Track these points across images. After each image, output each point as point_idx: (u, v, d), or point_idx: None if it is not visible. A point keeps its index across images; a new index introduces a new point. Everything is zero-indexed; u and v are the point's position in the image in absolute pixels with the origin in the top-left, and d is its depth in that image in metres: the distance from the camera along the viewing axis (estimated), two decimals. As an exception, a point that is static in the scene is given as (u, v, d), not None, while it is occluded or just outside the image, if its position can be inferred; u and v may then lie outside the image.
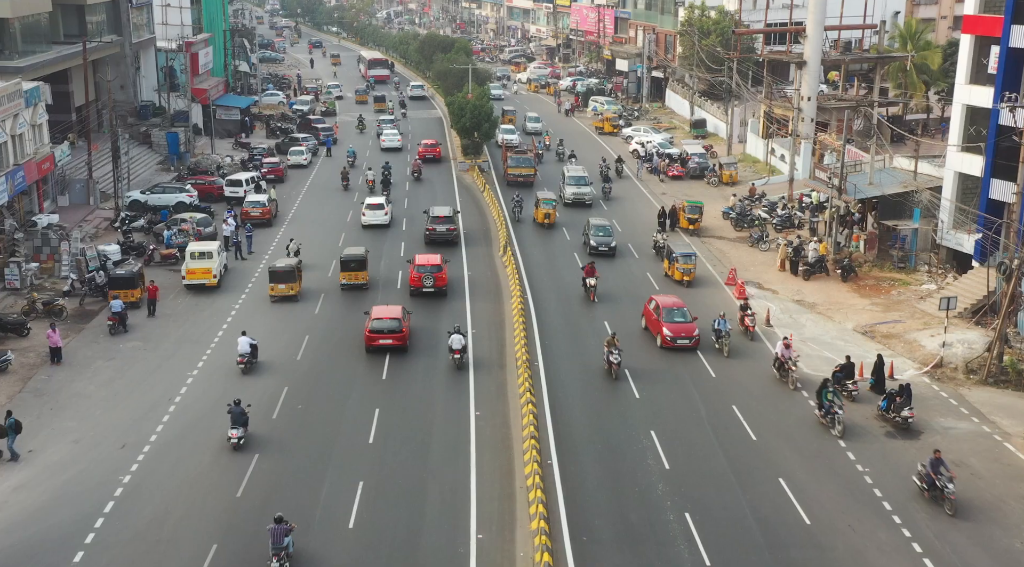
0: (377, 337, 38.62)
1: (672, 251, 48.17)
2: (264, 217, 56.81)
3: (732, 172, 68.30)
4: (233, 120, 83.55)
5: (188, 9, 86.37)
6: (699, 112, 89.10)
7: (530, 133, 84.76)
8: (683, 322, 39.90)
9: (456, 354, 37.40)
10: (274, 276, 44.70)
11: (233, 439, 31.13)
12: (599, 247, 51.49)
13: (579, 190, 62.02)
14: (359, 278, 46.12)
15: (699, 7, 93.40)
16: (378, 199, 58.46)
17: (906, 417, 32.74)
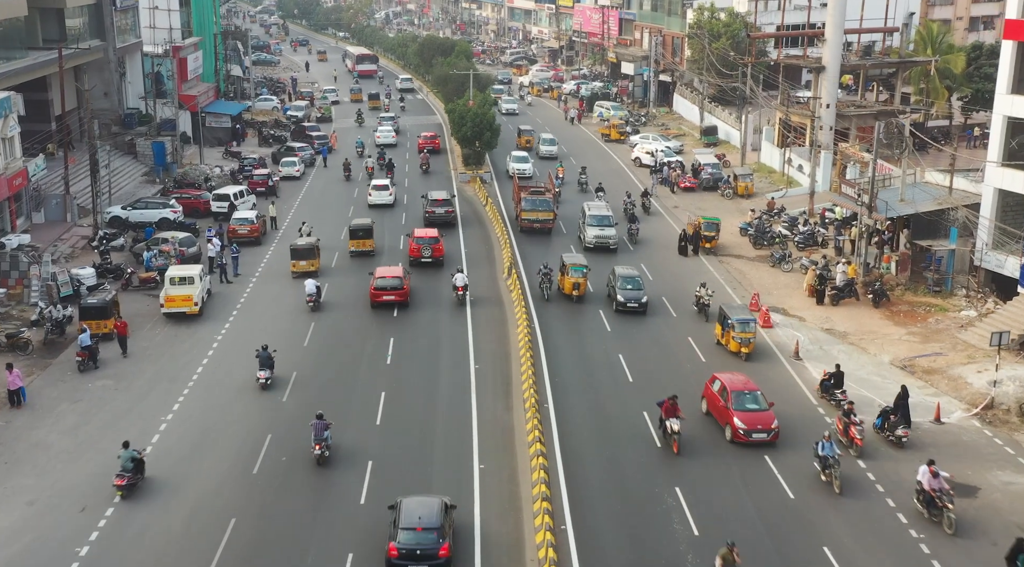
0: (381, 294, 43.60)
1: (726, 315, 39.16)
2: (252, 235, 53.26)
3: (748, 184, 64.75)
4: (223, 127, 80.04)
5: (177, 12, 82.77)
6: (709, 118, 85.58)
7: (545, 157, 75.18)
8: (758, 410, 32.29)
9: (459, 291, 44.54)
10: (295, 253, 47.98)
11: (261, 380, 35.65)
12: (628, 303, 43.32)
13: (602, 233, 52.21)
14: (366, 245, 51.28)
15: (708, 9, 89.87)
16: (383, 181, 63.60)
17: (900, 436, 31.86)
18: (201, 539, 26.63)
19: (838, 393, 34.75)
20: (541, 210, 55.15)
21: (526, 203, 55.53)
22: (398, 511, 25.49)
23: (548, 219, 55.29)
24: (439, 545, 24.59)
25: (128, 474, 28.67)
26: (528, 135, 79.18)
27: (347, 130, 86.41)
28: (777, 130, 72.11)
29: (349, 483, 29.41)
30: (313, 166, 73.36)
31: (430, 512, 25.23)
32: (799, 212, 58.45)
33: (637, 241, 54.51)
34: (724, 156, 73.67)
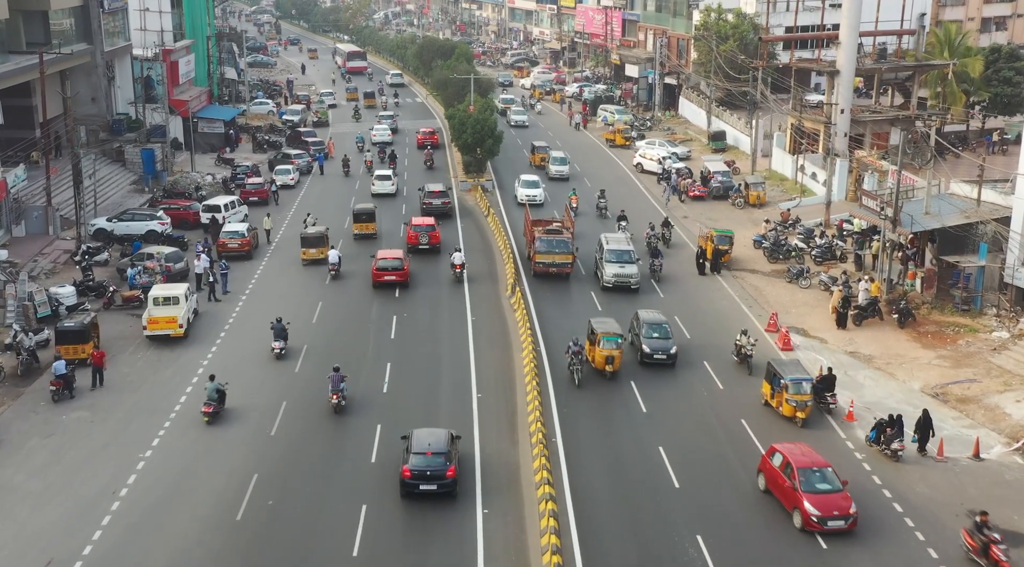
0: (383, 274, 46.19)
1: (777, 373, 33.69)
2: (243, 250, 50.76)
3: (760, 193, 62.23)
4: (216, 133, 77.54)
5: (168, 14, 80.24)
6: (717, 123, 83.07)
7: (556, 178, 68.34)
8: (831, 491, 27.27)
9: (457, 269, 47.51)
10: (305, 241, 50.11)
11: (276, 350, 38.25)
12: (655, 355, 37.63)
13: (623, 271, 45.98)
14: (369, 228, 54.44)
15: (715, 10, 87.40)
16: (386, 171, 66.12)
17: (896, 450, 31.15)
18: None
19: (828, 396, 34.66)
20: (558, 252, 47.42)
21: (541, 244, 47.64)
22: (410, 440, 29.27)
23: (566, 263, 47.60)
24: (446, 467, 28.41)
25: (213, 403, 33.41)
26: (543, 153, 72.37)
27: (344, 135, 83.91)
28: (789, 136, 69.63)
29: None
30: (309, 174, 70.84)
31: (438, 440, 29.17)
32: (815, 223, 55.99)
33: (661, 278, 48.03)
34: (734, 163, 71.19)
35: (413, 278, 47.67)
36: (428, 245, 51.64)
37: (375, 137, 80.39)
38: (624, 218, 55.61)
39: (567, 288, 47.49)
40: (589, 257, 50.14)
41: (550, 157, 70.58)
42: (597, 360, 36.70)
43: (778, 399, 33.83)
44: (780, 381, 33.54)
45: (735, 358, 38.32)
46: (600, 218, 59.23)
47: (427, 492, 28.30)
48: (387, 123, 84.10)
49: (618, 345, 36.42)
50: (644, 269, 47.91)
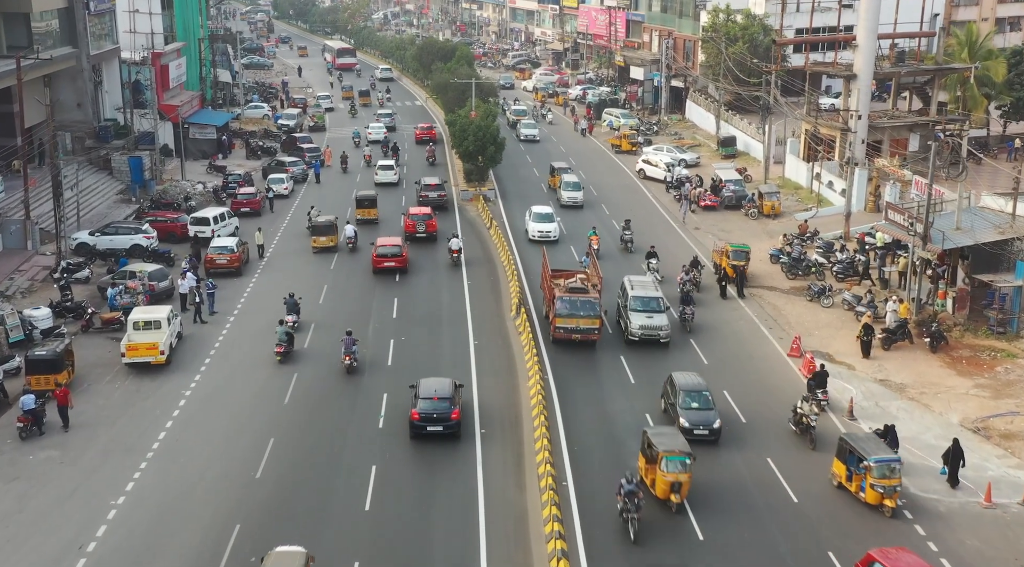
0: (382, 260, 47.88)
1: (857, 452, 28.27)
2: (232, 266, 48.04)
3: (774, 203, 59.47)
4: (208, 139, 74.82)
5: (159, 15, 77.58)
6: (727, 128, 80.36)
7: (568, 205, 61.13)
8: None
9: (455, 254, 49.38)
10: (315, 230, 51.97)
11: (289, 323, 39.72)
12: (694, 430, 31.70)
13: (651, 323, 39.77)
14: (371, 214, 56.79)
15: (724, 10, 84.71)
16: (388, 161, 68.41)
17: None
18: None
19: (819, 393, 34.21)
20: (584, 316, 39.22)
21: (562, 306, 39.26)
22: (417, 388, 32.42)
23: (592, 328, 39.31)
24: (451, 411, 31.63)
25: (284, 345, 37.87)
26: (562, 171, 64.68)
27: (343, 140, 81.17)
28: (803, 142, 66.91)
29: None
30: (305, 182, 68.06)
31: (443, 387, 32.37)
32: (834, 236, 53.27)
33: (692, 328, 41.71)
34: (745, 170, 68.44)
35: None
36: (425, 233, 53.28)
37: (371, 135, 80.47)
38: (654, 255, 48.59)
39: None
40: (610, 303, 42.68)
41: (561, 181, 62.49)
42: (659, 487, 28.17)
43: (857, 483, 28.41)
44: (861, 461, 28.16)
45: (793, 428, 32.85)
46: (624, 252, 52.37)
47: (433, 433, 31.60)
48: (385, 121, 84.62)
49: (685, 465, 27.96)
50: (674, 317, 42.23)
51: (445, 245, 51.47)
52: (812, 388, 34.25)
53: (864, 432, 31.14)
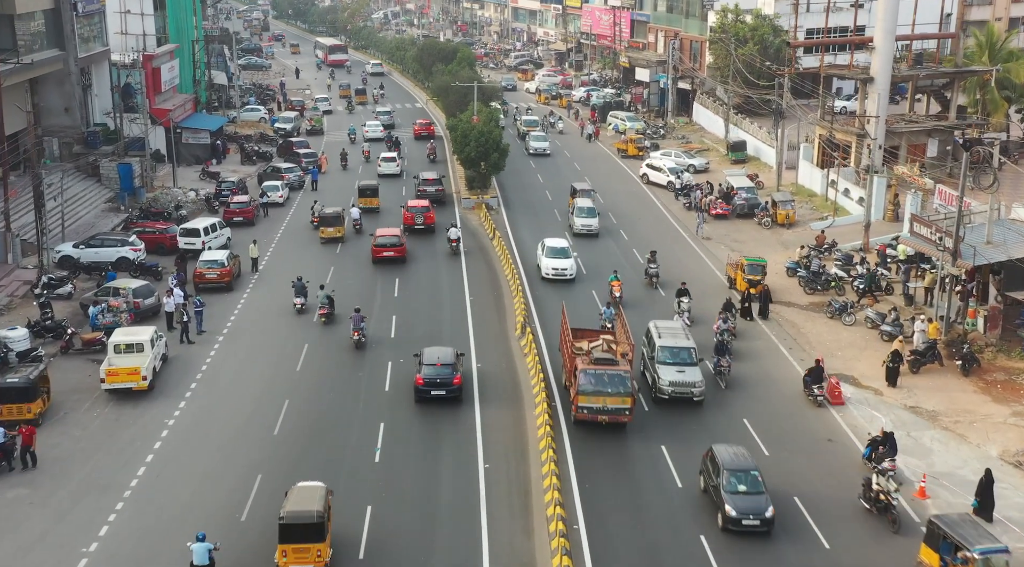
0: (381, 250, 49.40)
1: (952, 538, 24.18)
2: (222, 281, 45.71)
3: (789, 211, 57.10)
4: (201, 144, 72.48)
5: (151, 16, 75.32)
6: (736, 131, 78.03)
7: (581, 233, 54.32)
8: None
9: (453, 243, 50.93)
10: (324, 220, 53.46)
11: (297, 306, 42.62)
12: (743, 520, 26.86)
13: (682, 378, 34.17)
14: (372, 203, 58.69)
15: (732, 11, 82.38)
16: (391, 153, 69.96)
17: (886, 470, 28.47)
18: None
19: (815, 389, 34.49)
20: (612, 394, 32.20)
21: (587, 381, 32.20)
22: (421, 355, 34.94)
23: (623, 409, 32.33)
24: (453, 376, 34.00)
25: (326, 306, 41.48)
26: (586, 193, 58.37)
27: (339, 144, 78.85)
28: (817, 147, 64.56)
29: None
30: (301, 189, 65.66)
31: (446, 354, 34.90)
32: (853, 248, 50.94)
33: (728, 383, 36.10)
34: (757, 176, 66.09)
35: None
36: (423, 225, 54.56)
37: (367, 133, 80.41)
38: (685, 293, 42.19)
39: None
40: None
41: (575, 207, 55.75)
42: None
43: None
44: (959, 551, 23.90)
45: (865, 505, 28.21)
46: (650, 288, 46.34)
47: (437, 397, 33.91)
48: (384, 119, 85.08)
49: None
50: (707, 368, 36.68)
51: (444, 234, 52.95)
52: (808, 385, 34.78)
53: (960, 514, 26.20)
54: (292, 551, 24.48)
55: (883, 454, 29.40)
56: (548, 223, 57.95)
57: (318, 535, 24.54)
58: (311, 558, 24.53)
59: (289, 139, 77.18)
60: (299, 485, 26.25)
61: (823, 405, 34.50)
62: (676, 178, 65.12)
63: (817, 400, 34.45)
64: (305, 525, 24.51)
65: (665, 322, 38.04)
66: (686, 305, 42.24)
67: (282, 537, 24.55)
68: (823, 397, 34.42)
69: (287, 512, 24.77)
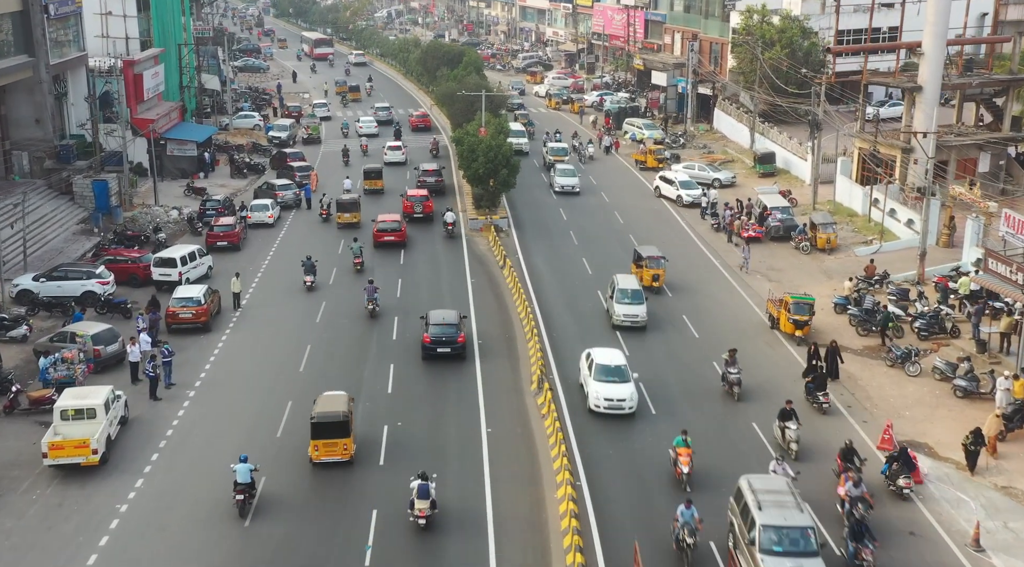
0: (383, 235, 51.40)
1: None
2: (198, 321, 40.42)
3: (830, 235, 51.65)
4: (188, 156, 67.21)
5: (134, 19, 70.13)
6: (762, 141, 72.61)
7: (623, 325, 40.74)
8: None
9: (449, 226, 53.27)
10: (341, 206, 55.43)
11: (307, 283, 44.95)
12: None
13: (786, 525, 23.83)
14: (377, 184, 62.74)
15: (758, 11, 76.91)
16: (397, 142, 72.48)
17: (902, 487, 28.28)
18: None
19: (820, 396, 33.49)
20: None
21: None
22: (427, 317, 38.13)
23: None
24: (457, 334, 37.27)
25: (359, 257, 47.68)
26: (654, 266, 45.31)
27: (336, 154, 73.63)
28: (856, 161, 59.13)
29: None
30: (295, 208, 60.24)
31: (450, 315, 38.06)
32: (907, 279, 45.49)
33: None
34: (790, 192, 60.63)
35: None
36: (422, 214, 56.31)
37: (361, 129, 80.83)
38: (791, 416, 30.87)
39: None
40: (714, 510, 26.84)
41: (616, 286, 41.43)
42: None
43: None
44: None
45: None
46: (729, 400, 34.64)
47: (443, 354, 37.15)
48: (383, 114, 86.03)
49: None
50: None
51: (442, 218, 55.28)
52: (811, 391, 33.74)
53: None
54: (323, 445, 29.39)
55: (897, 471, 28.32)
56: (563, 246, 52.72)
57: (344, 432, 29.43)
58: (338, 451, 29.50)
59: (283, 150, 71.84)
60: (325, 394, 31.40)
61: (909, 499, 28.40)
62: (701, 195, 59.72)
63: (903, 492, 28.30)
64: (333, 423, 29.33)
65: (763, 480, 25.96)
66: (794, 434, 30.42)
67: (314, 434, 29.42)
68: (910, 490, 28.39)
69: (317, 413, 29.57)
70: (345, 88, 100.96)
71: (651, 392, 35.12)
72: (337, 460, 29.42)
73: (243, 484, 26.93)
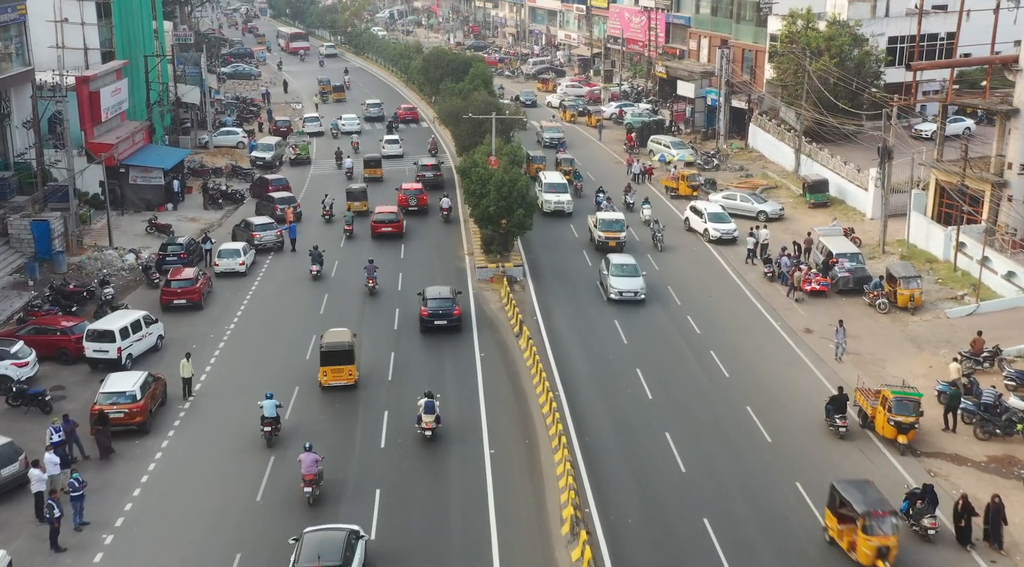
0: (380, 226, 53.51)
1: None
2: (133, 421, 31.62)
3: (914, 291, 42.67)
4: (153, 185, 58.47)
5: (94, 27, 61.51)
6: (809, 164, 63.73)
7: None
8: None
9: (445, 212, 56.67)
10: (350, 195, 57.11)
11: (313, 272, 46.31)
12: None
13: None
14: (376, 173, 65.20)
15: (803, 16, 68.05)
16: (394, 136, 74.48)
17: (927, 527, 25.71)
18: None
19: (837, 418, 31.52)
20: None
21: None
22: (424, 293, 40.96)
23: None
24: (453, 308, 40.04)
25: (352, 225, 53.60)
26: None
27: (326, 177, 64.91)
28: (933, 195, 50.25)
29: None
30: (277, 251, 51.31)
31: (445, 291, 41.00)
32: (1019, 353, 36.65)
33: None
34: (852, 231, 51.73)
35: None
36: (417, 207, 57.59)
37: (344, 126, 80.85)
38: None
39: None
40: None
41: None
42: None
43: None
44: None
45: None
46: None
47: (440, 326, 39.62)
48: (374, 110, 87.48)
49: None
50: None
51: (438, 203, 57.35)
52: (830, 413, 31.73)
53: None
54: (331, 371, 34.14)
55: (922, 509, 26.16)
56: (591, 303, 43.86)
57: (349, 359, 34.13)
58: (344, 376, 34.27)
59: (265, 176, 63.02)
60: (331, 330, 35.91)
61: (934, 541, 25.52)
62: (748, 234, 50.83)
63: (927, 534, 25.95)
64: (339, 351, 34.04)
65: None
66: None
67: (323, 361, 34.25)
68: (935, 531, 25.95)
69: (325, 343, 34.37)
70: (329, 87, 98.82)
71: (719, 534, 26.36)
72: (343, 384, 34.40)
73: (270, 418, 30.77)
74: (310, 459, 27.46)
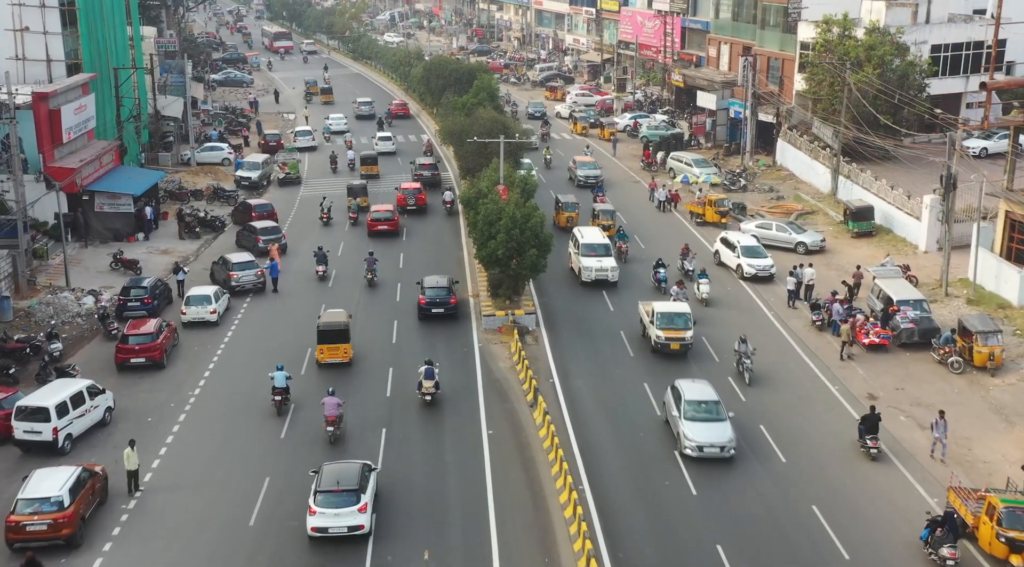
0: (377, 224, 53.99)
1: None
2: (59, 535, 25.49)
3: (994, 348, 36.54)
4: (122, 213, 52.44)
5: (59, 37, 55.60)
6: (847, 186, 57.65)
7: None
8: None
9: (447, 204, 57.70)
10: (351, 191, 58.30)
11: (320, 272, 46.39)
12: None
13: None
14: (373, 170, 66.18)
15: (839, 23, 62.01)
16: (387, 133, 75.34)
17: (946, 558, 24.27)
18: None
19: (868, 440, 29.84)
20: None
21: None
22: (422, 283, 42.26)
23: None
24: (450, 297, 41.43)
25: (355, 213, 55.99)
26: None
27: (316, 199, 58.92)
28: (1002, 230, 44.13)
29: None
30: (257, 292, 45.28)
31: (442, 280, 42.31)
32: None
33: None
34: (908, 269, 45.63)
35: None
36: (415, 206, 57.85)
37: (332, 126, 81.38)
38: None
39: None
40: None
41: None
42: None
43: None
44: None
45: None
46: None
47: (437, 314, 40.97)
48: (365, 109, 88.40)
49: None
50: None
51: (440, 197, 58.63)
52: (862, 433, 30.22)
53: None
54: (327, 349, 36.40)
55: (942, 538, 24.53)
56: (615, 359, 37.83)
57: (344, 338, 36.63)
58: (339, 354, 36.59)
59: (248, 201, 56.96)
60: (328, 310, 38.82)
61: None
62: (789, 273, 44.72)
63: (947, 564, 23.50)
64: (335, 330, 36.54)
65: None
66: None
67: (320, 339, 36.49)
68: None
69: (322, 322, 36.84)
70: (317, 89, 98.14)
71: None
72: (339, 361, 36.33)
73: (280, 388, 32.62)
74: (333, 402, 30.88)
